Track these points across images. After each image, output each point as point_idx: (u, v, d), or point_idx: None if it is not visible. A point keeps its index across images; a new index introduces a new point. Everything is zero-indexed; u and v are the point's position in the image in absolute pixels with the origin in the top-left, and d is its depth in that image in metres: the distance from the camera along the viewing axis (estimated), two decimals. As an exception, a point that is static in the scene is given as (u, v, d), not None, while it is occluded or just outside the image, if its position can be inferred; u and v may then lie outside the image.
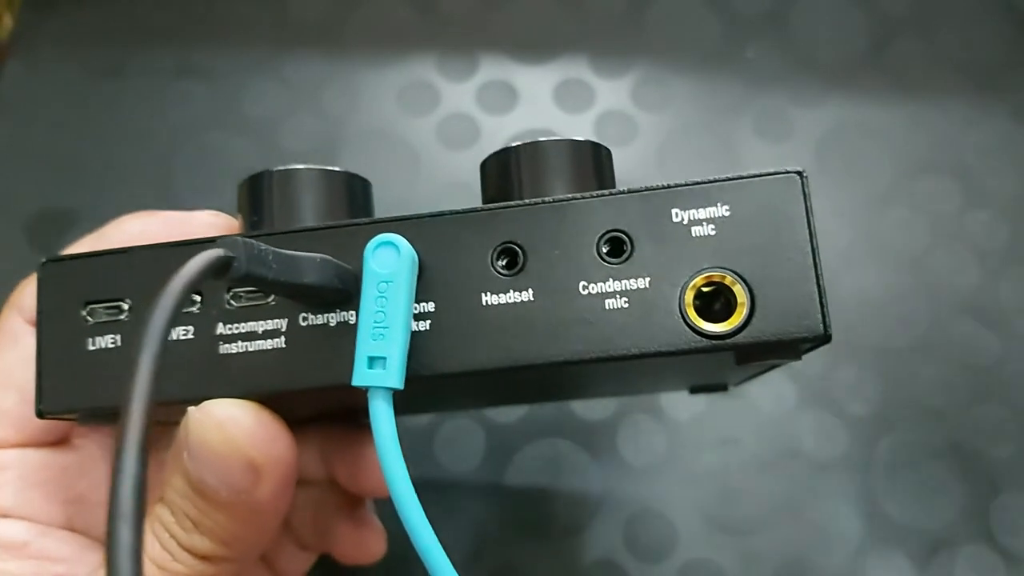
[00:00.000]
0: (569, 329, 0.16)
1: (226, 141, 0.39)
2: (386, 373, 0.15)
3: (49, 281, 0.17)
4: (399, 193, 0.38)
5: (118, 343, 0.17)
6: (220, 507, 0.17)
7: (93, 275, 0.17)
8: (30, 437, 0.20)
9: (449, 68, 0.40)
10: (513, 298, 0.16)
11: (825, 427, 0.34)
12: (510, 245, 0.16)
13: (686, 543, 0.32)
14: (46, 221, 0.37)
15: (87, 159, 0.39)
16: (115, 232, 0.21)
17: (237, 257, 0.14)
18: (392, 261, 0.15)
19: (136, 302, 0.17)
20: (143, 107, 0.39)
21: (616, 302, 0.16)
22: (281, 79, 0.40)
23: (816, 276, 0.16)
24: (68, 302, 0.17)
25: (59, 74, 0.40)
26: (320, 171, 0.20)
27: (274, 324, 0.17)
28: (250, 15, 0.41)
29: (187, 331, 0.17)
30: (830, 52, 0.41)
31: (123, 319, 0.17)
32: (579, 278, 0.16)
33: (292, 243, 0.16)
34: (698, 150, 0.39)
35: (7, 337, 0.20)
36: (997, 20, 0.41)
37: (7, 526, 0.19)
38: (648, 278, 0.16)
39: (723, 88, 0.40)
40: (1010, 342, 0.35)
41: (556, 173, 0.19)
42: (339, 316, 0.16)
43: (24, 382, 0.20)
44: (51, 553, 0.19)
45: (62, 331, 0.17)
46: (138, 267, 0.17)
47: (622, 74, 0.40)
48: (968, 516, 0.33)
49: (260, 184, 0.20)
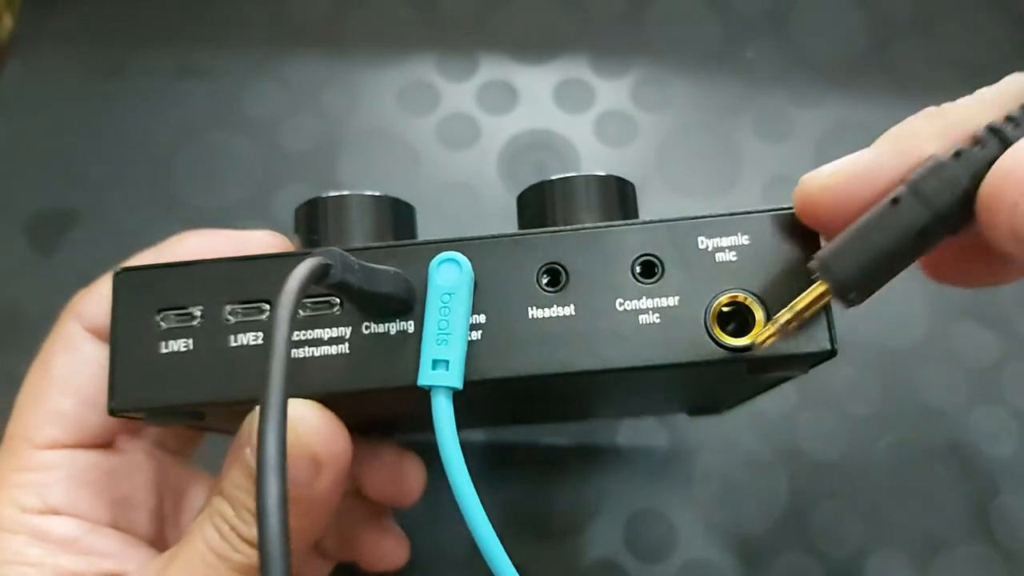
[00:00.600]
0: (607, 341, 0.18)
1: (226, 141, 0.39)
2: (448, 374, 0.17)
3: (123, 289, 0.19)
4: (399, 193, 0.38)
5: (190, 347, 0.18)
6: None
7: (165, 284, 0.18)
8: (81, 439, 0.21)
9: (449, 68, 0.40)
10: (557, 312, 0.18)
11: (825, 427, 0.34)
12: (554, 265, 0.18)
13: (686, 543, 0.32)
14: (46, 220, 0.37)
15: (87, 159, 0.39)
16: (176, 247, 0.22)
17: (334, 265, 0.15)
18: (454, 276, 0.17)
19: (208, 310, 0.18)
20: (143, 107, 0.40)
21: (649, 317, 0.18)
22: (281, 79, 0.40)
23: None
24: (141, 308, 0.18)
25: (59, 74, 0.40)
26: (371, 196, 0.22)
27: (339, 332, 0.18)
28: (250, 15, 0.41)
29: (257, 337, 0.18)
30: (830, 52, 0.41)
31: (195, 325, 0.18)
32: (616, 296, 0.18)
33: (363, 258, 0.18)
34: (698, 150, 0.39)
35: (66, 343, 0.21)
36: (996, 20, 0.41)
37: (58, 523, 0.20)
38: (677, 297, 0.18)
39: (723, 88, 0.40)
40: (1010, 342, 0.35)
41: (588, 203, 0.21)
42: (398, 326, 0.18)
43: (80, 386, 0.21)
44: (100, 549, 0.20)
45: (135, 335, 0.18)
46: (209, 278, 0.18)
47: (622, 74, 0.40)
48: (968, 516, 0.33)
49: (317, 208, 0.22)
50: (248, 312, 0.18)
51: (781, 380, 0.21)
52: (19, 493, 0.20)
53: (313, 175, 0.38)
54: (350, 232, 0.21)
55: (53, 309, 0.36)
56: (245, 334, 0.18)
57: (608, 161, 0.39)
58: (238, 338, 0.18)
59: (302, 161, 0.39)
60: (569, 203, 0.21)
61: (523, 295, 0.18)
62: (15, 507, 0.20)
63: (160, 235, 0.37)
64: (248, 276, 0.18)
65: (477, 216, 0.38)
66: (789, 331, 0.17)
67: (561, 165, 0.39)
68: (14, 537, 0.20)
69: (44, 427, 0.21)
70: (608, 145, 0.39)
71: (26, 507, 0.20)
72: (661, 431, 0.34)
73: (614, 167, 0.39)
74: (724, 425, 0.34)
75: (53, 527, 0.20)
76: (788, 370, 0.19)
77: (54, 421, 0.21)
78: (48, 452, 0.21)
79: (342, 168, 0.38)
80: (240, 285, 0.18)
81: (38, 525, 0.20)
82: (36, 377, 0.22)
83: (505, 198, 0.38)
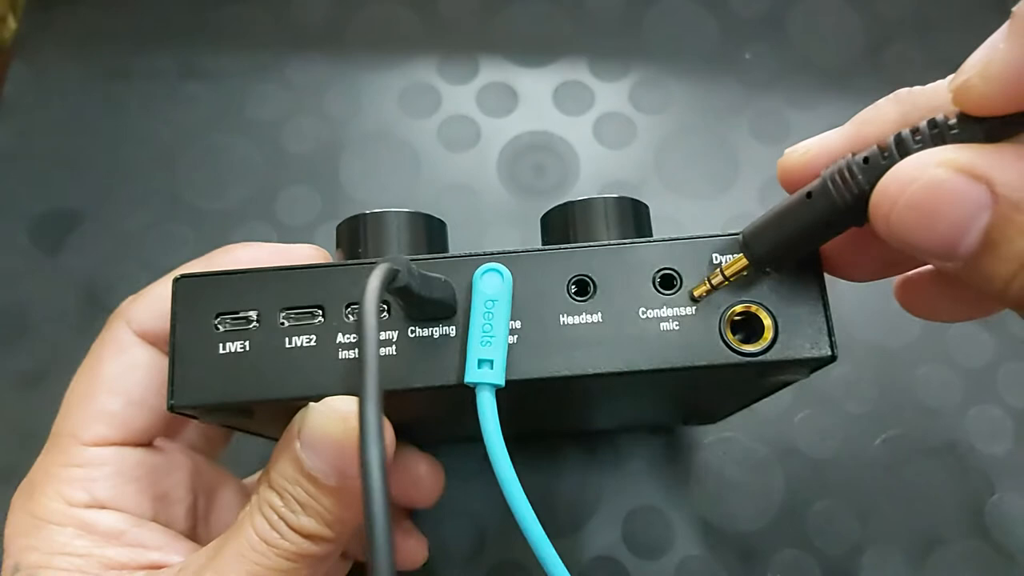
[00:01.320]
0: (631, 345, 0.19)
1: (229, 142, 0.39)
2: (493, 372, 0.18)
3: (183, 294, 0.20)
4: (400, 194, 0.38)
5: (247, 348, 0.19)
6: (328, 492, 0.19)
7: (223, 291, 0.20)
8: (126, 437, 0.22)
9: (450, 71, 0.41)
10: (585, 319, 0.19)
11: (821, 425, 0.34)
12: (583, 277, 0.20)
13: (683, 540, 0.33)
14: (50, 221, 0.38)
15: (91, 160, 0.39)
16: (224, 257, 0.23)
17: (401, 271, 0.17)
18: (497, 284, 0.19)
19: (263, 314, 0.19)
20: (146, 109, 0.40)
21: (669, 325, 0.19)
22: (284, 81, 0.40)
23: (824, 311, 0.19)
24: (200, 312, 0.20)
25: (63, 76, 0.40)
26: (408, 213, 0.23)
27: (387, 335, 0.19)
28: (253, 18, 0.42)
29: (310, 339, 0.19)
30: (827, 54, 0.41)
31: (252, 328, 0.19)
32: (638, 305, 0.20)
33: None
34: (696, 151, 0.39)
35: (116, 347, 0.22)
36: (992, 22, 0.41)
37: (105, 516, 0.21)
38: (694, 307, 0.19)
39: (721, 90, 0.41)
40: (1004, 342, 0.36)
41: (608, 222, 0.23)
42: (441, 330, 0.19)
43: (129, 387, 0.22)
44: (145, 541, 0.21)
45: (195, 337, 0.19)
46: (265, 285, 0.20)
47: (621, 76, 0.41)
48: (963, 514, 0.33)
49: (359, 223, 0.23)
50: (301, 317, 0.19)
51: (783, 385, 0.22)
52: (66, 488, 0.21)
53: (315, 176, 0.39)
54: (389, 245, 0.23)
55: (57, 309, 0.36)
56: (299, 337, 0.19)
57: (607, 162, 0.39)
58: (292, 340, 0.19)
59: (304, 162, 0.39)
60: (591, 221, 0.23)
61: (555, 303, 0.20)
62: (61, 501, 0.21)
63: (163, 236, 0.38)
64: (301, 284, 0.20)
65: (477, 217, 0.38)
66: (717, 288, 0.19)
67: (561, 166, 0.39)
68: (62, 529, 0.20)
69: (93, 425, 0.22)
70: (607, 147, 0.39)
71: (73, 501, 0.21)
72: (660, 429, 0.34)
73: (613, 168, 0.39)
74: (721, 424, 0.34)
75: (100, 520, 0.21)
76: (790, 374, 0.20)
77: (103, 420, 0.22)
78: (96, 449, 0.22)
79: (344, 169, 0.39)
80: (294, 292, 0.19)
81: (85, 518, 0.21)
82: (85, 378, 0.22)
83: (505, 199, 0.38)
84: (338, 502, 0.20)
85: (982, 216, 0.15)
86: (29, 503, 0.21)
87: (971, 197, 0.15)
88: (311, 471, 0.19)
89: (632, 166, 0.39)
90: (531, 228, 0.38)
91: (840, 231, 0.18)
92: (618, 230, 0.23)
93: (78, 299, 0.36)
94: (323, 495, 0.19)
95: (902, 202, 0.15)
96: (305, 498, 0.19)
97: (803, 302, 0.19)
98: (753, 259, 0.19)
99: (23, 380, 0.35)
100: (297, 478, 0.19)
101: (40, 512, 0.21)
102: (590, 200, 0.23)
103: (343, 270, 0.20)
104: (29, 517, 0.21)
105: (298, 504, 0.19)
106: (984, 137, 0.15)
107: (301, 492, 0.19)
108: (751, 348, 0.19)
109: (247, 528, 0.20)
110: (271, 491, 0.20)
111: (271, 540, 0.19)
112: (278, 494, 0.20)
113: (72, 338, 0.36)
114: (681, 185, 0.39)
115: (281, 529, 0.19)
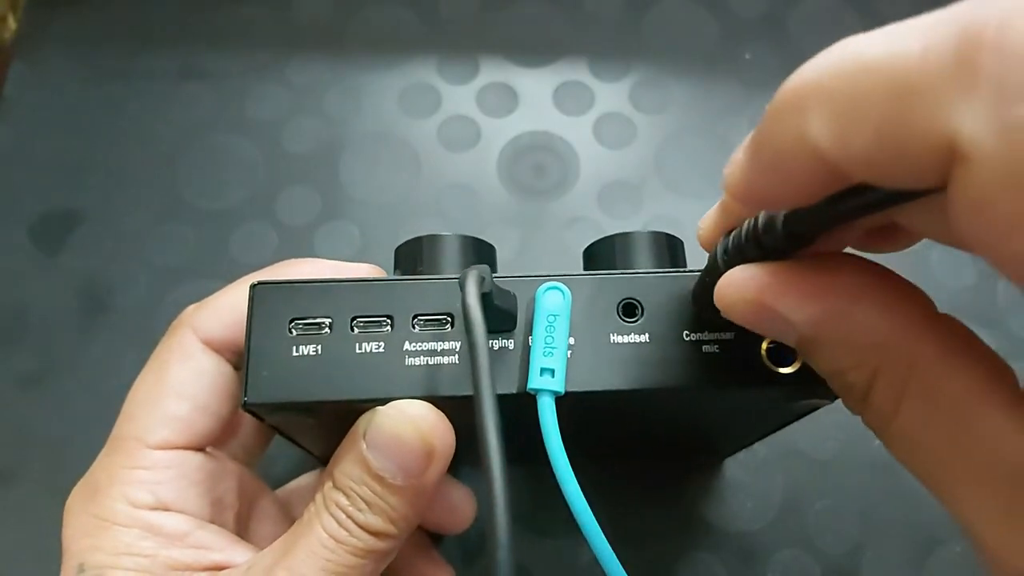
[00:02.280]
0: (676, 365, 0.20)
1: (229, 142, 0.39)
2: (554, 380, 0.20)
3: (259, 300, 0.21)
4: (401, 194, 0.38)
5: (319, 351, 0.20)
6: (394, 491, 0.20)
7: (297, 298, 0.21)
8: (190, 441, 0.23)
9: (450, 71, 0.41)
10: (633, 339, 0.21)
11: (822, 425, 0.34)
12: (631, 300, 0.21)
13: (683, 539, 0.33)
14: (50, 221, 0.38)
15: (91, 160, 0.39)
16: (289, 270, 0.24)
17: (486, 278, 0.19)
18: (558, 301, 0.21)
19: (335, 321, 0.21)
20: (147, 109, 0.40)
21: (710, 348, 0.21)
22: (284, 82, 0.40)
23: None
24: (275, 317, 0.21)
25: (63, 76, 0.41)
26: (462, 236, 0.26)
27: (450, 345, 0.21)
28: (254, 19, 0.42)
29: (379, 346, 0.21)
30: (827, 55, 0.41)
31: (324, 334, 0.21)
32: (682, 328, 0.21)
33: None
34: (696, 151, 0.40)
35: (182, 353, 0.23)
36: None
37: (169, 518, 0.22)
38: (733, 332, 0.21)
39: (721, 90, 0.41)
40: (1004, 341, 0.36)
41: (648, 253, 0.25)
42: (500, 342, 0.21)
43: (194, 393, 0.23)
44: (207, 543, 0.22)
45: (270, 340, 0.21)
46: (338, 296, 0.21)
47: (621, 76, 0.41)
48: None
49: (418, 245, 0.25)
50: (370, 326, 0.21)
51: (808, 410, 0.23)
52: (131, 490, 0.22)
53: (315, 176, 0.39)
54: (445, 265, 0.25)
55: (57, 309, 0.36)
56: (369, 343, 0.21)
57: (607, 162, 0.39)
58: (362, 346, 0.21)
59: (304, 162, 0.39)
60: (632, 252, 0.25)
61: (605, 323, 0.21)
62: (126, 503, 0.21)
63: (163, 236, 0.38)
64: (371, 296, 0.21)
65: (477, 216, 0.38)
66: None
67: (561, 166, 0.39)
68: (128, 530, 0.21)
69: (159, 429, 0.22)
70: (607, 147, 0.40)
71: (138, 503, 0.21)
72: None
73: (613, 168, 0.39)
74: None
75: (165, 522, 0.21)
76: (820, 398, 0.21)
77: (169, 424, 0.22)
78: (161, 452, 0.22)
79: (344, 169, 0.39)
80: (364, 303, 0.21)
81: (151, 520, 0.21)
82: (151, 383, 0.23)
83: (505, 199, 0.38)
84: (403, 500, 0.21)
85: (790, 332, 0.17)
86: (91, 505, 0.21)
87: (776, 324, 0.16)
88: (378, 471, 0.20)
89: (632, 166, 0.39)
90: (531, 227, 0.38)
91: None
92: (655, 260, 0.25)
93: (78, 299, 0.36)
94: (389, 494, 0.20)
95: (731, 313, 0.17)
96: (372, 497, 0.20)
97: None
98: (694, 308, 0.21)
99: (23, 380, 0.35)
100: (364, 478, 0.20)
101: (104, 513, 0.21)
102: (631, 233, 0.26)
103: (409, 284, 0.21)
104: (92, 518, 0.21)
105: (364, 503, 0.20)
106: (784, 240, 0.16)
107: (368, 491, 0.20)
108: (786, 371, 0.20)
109: (316, 527, 0.20)
110: (337, 491, 0.21)
111: (340, 537, 0.20)
112: (344, 493, 0.21)
113: (72, 338, 0.36)
114: (681, 185, 0.39)
115: (349, 527, 0.20)
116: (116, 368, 0.35)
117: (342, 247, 0.37)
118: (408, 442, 0.20)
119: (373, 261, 0.37)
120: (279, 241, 0.37)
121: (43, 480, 0.33)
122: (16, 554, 0.32)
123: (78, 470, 0.33)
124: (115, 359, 0.35)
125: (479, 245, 0.26)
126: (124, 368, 0.35)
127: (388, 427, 0.20)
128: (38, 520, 0.33)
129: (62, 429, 0.34)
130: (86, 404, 0.34)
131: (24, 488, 0.33)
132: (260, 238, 0.37)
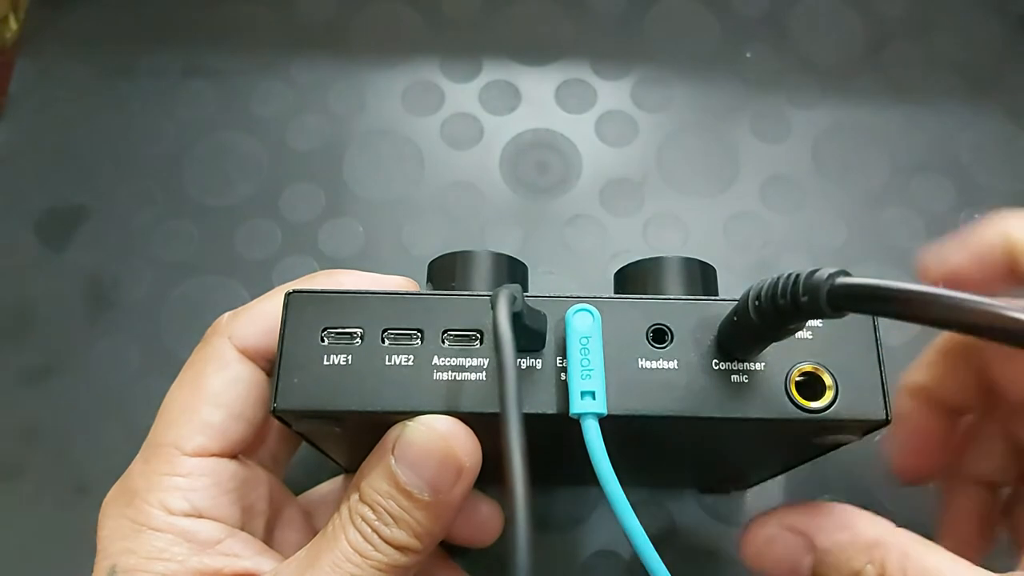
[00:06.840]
0: (704, 393, 0.20)
1: (234, 140, 0.40)
2: (596, 403, 0.19)
3: (294, 308, 0.21)
4: (404, 191, 0.39)
5: (350, 361, 0.20)
6: (421, 506, 0.20)
7: (331, 308, 0.21)
8: (224, 449, 0.23)
9: (453, 69, 0.41)
10: (662, 365, 0.21)
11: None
12: (661, 326, 0.21)
13: (684, 534, 0.33)
14: (56, 218, 0.38)
15: (96, 157, 0.39)
16: (326, 279, 0.24)
17: (517, 297, 0.18)
18: (588, 323, 0.20)
19: (367, 332, 0.21)
20: (152, 106, 0.40)
21: (739, 378, 0.20)
22: (288, 79, 0.41)
23: (882, 378, 0.21)
24: (308, 325, 0.21)
25: (68, 74, 0.41)
26: (494, 254, 0.26)
27: (478, 361, 0.21)
28: (258, 17, 0.42)
29: (408, 359, 0.21)
30: (827, 54, 0.42)
31: (356, 344, 0.21)
32: (711, 357, 0.21)
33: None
34: (697, 149, 0.40)
35: (219, 362, 0.23)
36: (991, 22, 0.42)
37: (203, 525, 0.22)
38: (763, 364, 0.20)
39: (722, 89, 0.41)
40: None
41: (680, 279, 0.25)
42: (527, 361, 0.21)
43: (230, 401, 0.23)
44: (238, 551, 0.22)
45: (301, 347, 0.21)
46: (371, 307, 0.21)
47: (623, 75, 0.41)
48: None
49: (452, 261, 0.25)
50: (400, 339, 0.21)
51: (836, 446, 0.23)
52: (167, 496, 0.22)
53: (319, 174, 0.39)
54: (477, 282, 0.25)
55: (62, 305, 0.37)
56: (399, 356, 0.21)
57: (609, 160, 0.39)
58: (392, 358, 0.20)
59: (308, 160, 0.39)
60: (664, 277, 0.25)
61: (634, 348, 0.21)
62: (162, 509, 0.22)
63: (168, 232, 0.38)
64: (402, 309, 0.21)
65: (479, 214, 0.38)
66: None
67: (563, 164, 0.39)
68: (162, 536, 0.21)
69: (195, 436, 0.22)
70: (609, 145, 0.40)
71: (173, 509, 0.22)
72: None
73: (615, 166, 0.39)
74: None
75: (199, 529, 0.22)
76: (845, 434, 0.21)
77: (205, 432, 0.23)
78: (196, 459, 0.22)
79: (348, 167, 0.39)
80: (395, 316, 0.21)
81: (185, 526, 0.22)
82: (187, 390, 0.23)
83: (508, 196, 0.39)
84: (430, 515, 0.20)
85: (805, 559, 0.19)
86: (128, 509, 0.22)
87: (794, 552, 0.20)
88: (406, 486, 0.20)
89: (634, 164, 0.39)
90: (533, 227, 0.38)
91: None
92: (686, 287, 0.25)
93: (84, 295, 0.37)
94: (416, 509, 0.20)
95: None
96: (398, 512, 0.20)
97: (862, 367, 0.21)
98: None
99: (29, 375, 0.35)
100: (391, 492, 0.20)
101: (140, 518, 0.21)
102: (665, 258, 0.26)
103: (441, 299, 0.21)
104: (128, 522, 0.22)
105: (391, 517, 0.20)
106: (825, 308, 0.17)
107: (394, 506, 0.20)
108: (814, 405, 0.20)
109: (341, 540, 0.20)
110: (363, 504, 0.21)
111: (364, 552, 0.20)
112: (371, 507, 0.21)
113: (78, 334, 0.36)
114: (682, 183, 0.39)
115: (374, 541, 0.20)
116: (122, 363, 0.35)
117: (346, 244, 0.38)
118: (438, 458, 0.20)
119: (376, 258, 0.38)
120: (283, 238, 0.37)
121: (49, 475, 0.34)
122: (24, 548, 0.32)
123: (84, 465, 0.34)
124: (121, 354, 0.35)
125: (512, 263, 0.26)
126: (130, 363, 0.36)
127: (418, 443, 0.20)
128: (45, 514, 0.33)
129: (68, 424, 0.34)
130: (92, 399, 0.35)
131: (30, 483, 0.33)
132: (264, 235, 0.38)
